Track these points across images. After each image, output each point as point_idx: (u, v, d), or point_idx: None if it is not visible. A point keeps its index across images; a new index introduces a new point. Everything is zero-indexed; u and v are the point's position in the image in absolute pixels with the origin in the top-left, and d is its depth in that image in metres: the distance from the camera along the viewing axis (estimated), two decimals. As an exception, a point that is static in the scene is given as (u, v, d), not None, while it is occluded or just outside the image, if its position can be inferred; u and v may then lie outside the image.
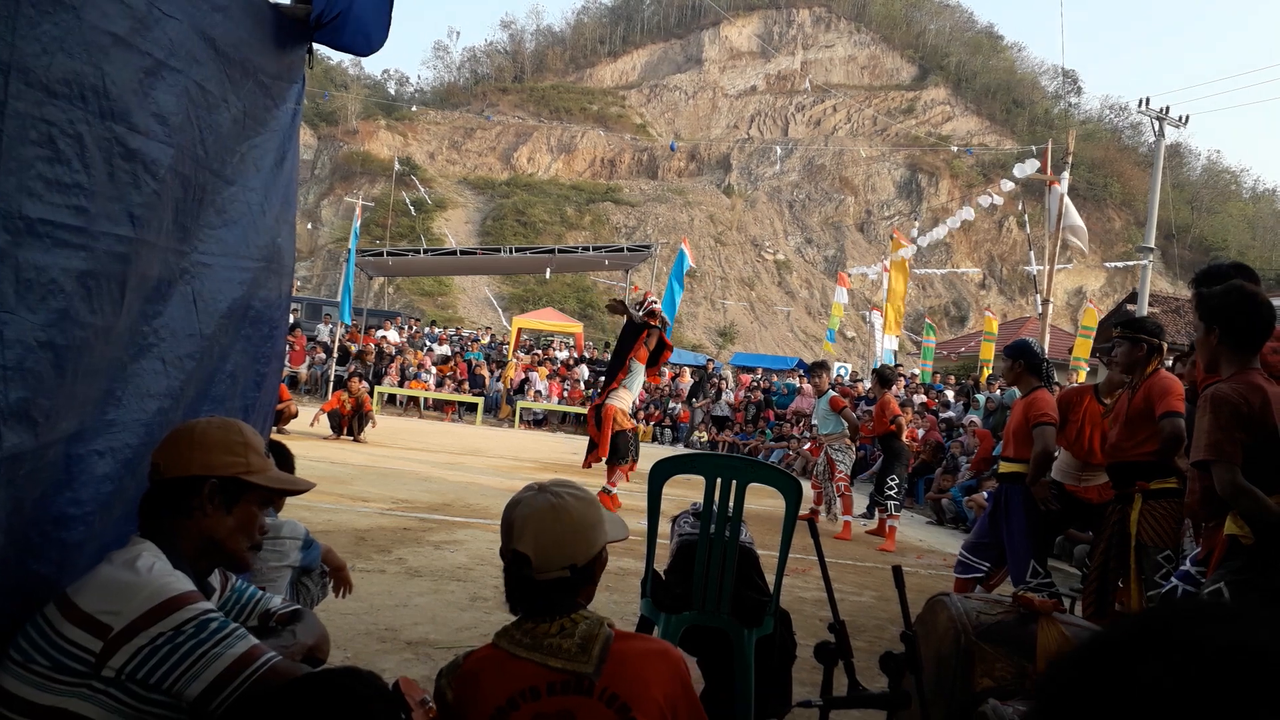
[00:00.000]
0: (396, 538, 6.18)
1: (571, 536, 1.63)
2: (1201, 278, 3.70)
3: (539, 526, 1.61)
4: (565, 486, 1.69)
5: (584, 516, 1.65)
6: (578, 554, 1.63)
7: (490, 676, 1.58)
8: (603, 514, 1.72)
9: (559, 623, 1.60)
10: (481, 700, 1.56)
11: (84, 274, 1.61)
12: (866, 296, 47.27)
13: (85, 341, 1.64)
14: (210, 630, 1.55)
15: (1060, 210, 16.27)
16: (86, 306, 1.62)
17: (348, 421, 13.12)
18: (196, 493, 1.71)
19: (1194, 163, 73.55)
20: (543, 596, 1.62)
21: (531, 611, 1.63)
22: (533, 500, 1.64)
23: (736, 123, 73.02)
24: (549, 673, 1.55)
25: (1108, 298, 50.60)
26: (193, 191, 2.02)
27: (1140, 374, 4.25)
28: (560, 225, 55.99)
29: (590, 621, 1.61)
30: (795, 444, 16.76)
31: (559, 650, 1.56)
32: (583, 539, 1.64)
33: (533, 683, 1.55)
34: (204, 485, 1.71)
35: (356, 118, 62.85)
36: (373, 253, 22.37)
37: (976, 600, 2.51)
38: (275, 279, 2.59)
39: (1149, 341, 4.30)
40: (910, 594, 5.68)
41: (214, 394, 2.32)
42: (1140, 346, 4.29)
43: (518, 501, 1.67)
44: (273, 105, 2.45)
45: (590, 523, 1.66)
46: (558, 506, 1.63)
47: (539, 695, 1.54)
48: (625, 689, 1.55)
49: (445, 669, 1.67)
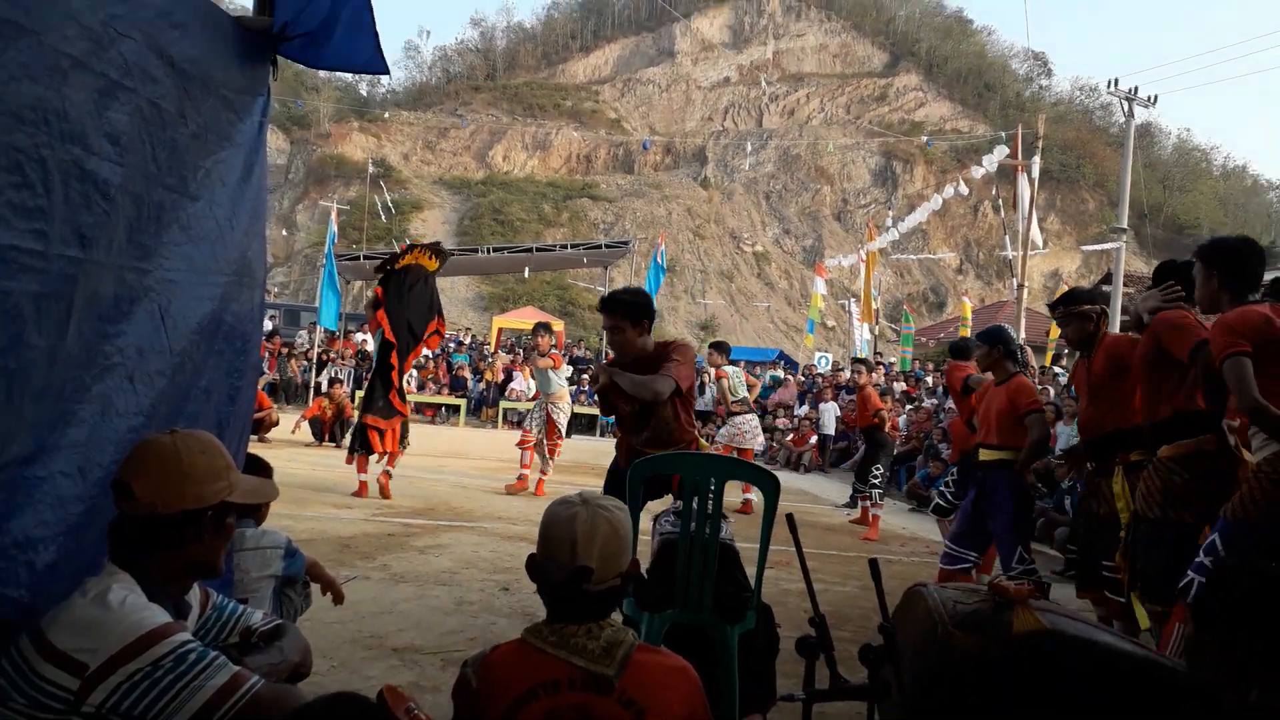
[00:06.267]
0: (380, 544, 6.17)
1: (624, 546, 1.74)
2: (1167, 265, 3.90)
3: (603, 540, 1.69)
4: (600, 497, 1.78)
5: (628, 526, 1.78)
6: (624, 561, 1.74)
7: (514, 667, 1.65)
8: (630, 519, 1.83)
9: (586, 626, 1.67)
10: (503, 689, 1.62)
11: (38, 296, 1.61)
12: (845, 285, 47.43)
13: (32, 363, 1.64)
14: (189, 662, 1.55)
15: (1032, 197, 16.39)
16: (36, 329, 1.63)
17: (329, 428, 13.07)
18: (193, 525, 1.71)
19: (1165, 142, 74.31)
20: (595, 604, 1.70)
21: (572, 616, 1.69)
22: (586, 515, 1.71)
23: (711, 115, 73.10)
24: (571, 669, 1.62)
25: (1084, 279, 51.07)
26: (148, 209, 2.01)
27: (1094, 344, 4.32)
28: (538, 223, 55.88)
29: (615, 629, 1.69)
30: (779, 435, 16.82)
31: (583, 650, 1.63)
32: (628, 547, 1.76)
33: (554, 676, 1.61)
34: (203, 519, 1.71)
35: (329, 120, 62.41)
36: (349, 256, 22.20)
37: (953, 590, 2.53)
38: (247, 292, 2.58)
39: (1094, 310, 4.37)
40: (893, 582, 5.70)
41: (188, 410, 2.31)
42: (1089, 319, 4.36)
43: (571, 518, 1.72)
44: (237, 119, 2.44)
45: (629, 530, 1.78)
46: (612, 520, 1.72)
47: (559, 689, 1.61)
48: (644, 696, 1.61)
49: (471, 659, 1.72)
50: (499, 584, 5.25)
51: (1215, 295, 3.31)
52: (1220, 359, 3.07)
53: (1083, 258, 57.06)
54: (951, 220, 60.71)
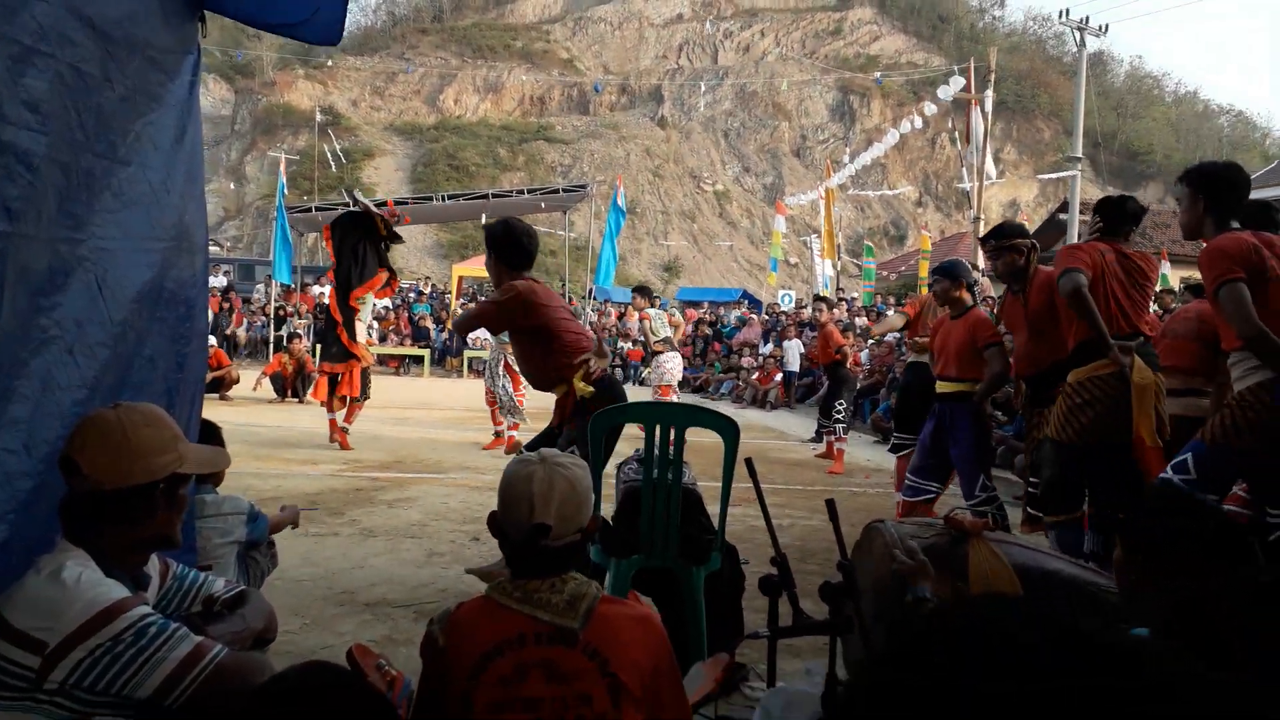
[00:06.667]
0: (349, 499, 6.16)
1: (582, 502, 1.74)
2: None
3: (560, 498, 1.69)
4: (559, 455, 1.78)
5: (587, 483, 1.77)
6: (584, 518, 1.74)
7: (480, 624, 1.66)
8: (590, 475, 1.82)
9: (550, 581, 1.68)
10: (470, 646, 1.64)
11: None
12: (807, 222, 47.45)
13: None
14: (150, 635, 1.55)
15: (986, 130, 16.41)
16: None
17: (291, 383, 12.96)
18: (145, 499, 1.69)
19: (1117, 69, 74.49)
20: (553, 560, 1.71)
21: (535, 572, 1.70)
22: (543, 473, 1.71)
23: (665, 52, 71.89)
24: (536, 624, 1.64)
25: (1041, 207, 51.49)
26: (77, 177, 1.95)
27: (1025, 279, 4.38)
28: (494, 168, 54.90)
29: (579, 582, 1.70)
30: (744, 374, 16.95)
31: (547, 604, 1.65)
32: (588, 503, 1.76)
33: (520, 631, 1.63)
34: (153, 492, 1.69)
35: (273, 69, 60.46)
36: (301, 209, 21.68)
37: (910, 525, 2.59)
38: (187, 257, 2.51)
39: (1024, 244, 4.44)
40: (858, 515, 5.80)
41: (133, 380, 2.27)
42: (1019, 252, 4.42)
43: (528, 476, 1.72)
44: (167, 79, 2.35)
45: (589, 486, 1.78)
46: (569, 477, 1.72)
47: (525, 643, 1.62)
48: (607, 647, 1.63)
49: (437, 616, 1.73)
50: (469, 534, 5.28)
51: (1199, 220, 3.32)
52: (1216, 286, 3.07)
53: (1039, 187, 57.49)
54: (910, 153, 60.71)
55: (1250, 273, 3.05)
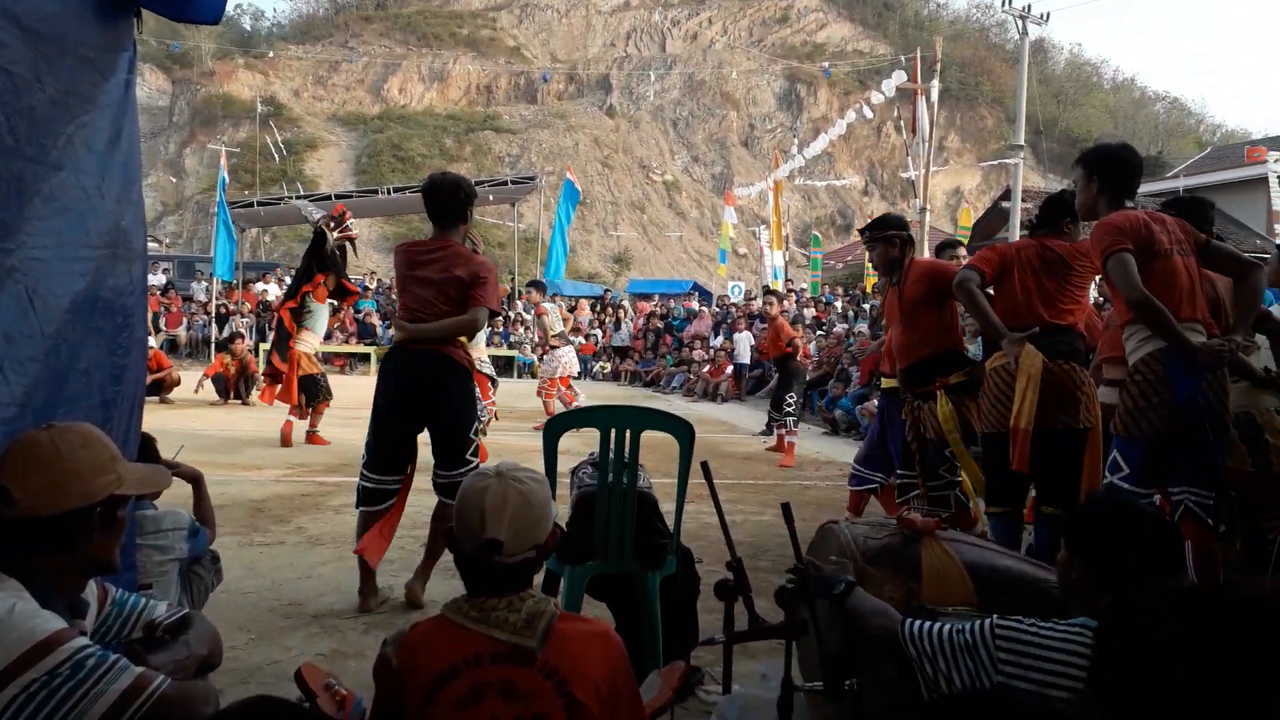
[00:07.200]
0: (295, 505, 6.04)
1: (538, 518, 1.71)
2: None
3: (512, 514, 1.67)
4: (518, 470, 1.75)
5: (544, 498, 1.73)
6: (540, 534, 1.71)
7: (435, 645, 1.64)
8: (549, 490, 1.78)
9: (507, 599, 1.66)
10: (425, 666, 1.61)
11: None
12: (755, 212, 47.72)
13: None
14: (88, 669, 1.49)
15: (932, 120, 16.63)
16: None
17: (234, 385, 12.68)
18: (82, 523, 1.63)
19: (1058, 57, 76.05)
20: (508, 577, 1.68)
21: (490, 589, 1.67)
22: (498, 488, 1.69)
23: (613, 40, 71.62)
24: (493, 643, 1.61)
25: (984, 194, 52.45)
26: (6, 184, 1.88)
27: (900, 270, 4.47)
28: (440, 158, 54.13)
29: (536, 600, 1.68)
30: (695, 368, 17.00)
31: (504, 623, 1.63)
32: (545, 519, 1.73)
33: (476, 651, 1.61)
34: (91, 516, 1.64)
35: (211, 58, 58.92)
36: (243, 203, 21.20)
37: (864, 525, 2.61)
38: (124, 265, 2.42)
39: (899, 236, 4.52)
40: (809, 508, 5.79)
41: (68, 395, 2.18)
42: (894, 243, 4.51)
43: (482, 490, 1.69)
44: (101, 80, 2.27)
45: (546, 501, 1.74)
46: (524, 493, 1.69)
47: (481, 663, 1.60)
48: (565, 666, 1.61)
49: (391, 638, 1.71)
50: (420, 540, 5.19)
51: (1094, 201, 3.40)
52: (1104, 257, 3.14)
53: (982, 174, 58.51)
54: (856, 143, 61.33)
55: (1139, 246, 3.12)
